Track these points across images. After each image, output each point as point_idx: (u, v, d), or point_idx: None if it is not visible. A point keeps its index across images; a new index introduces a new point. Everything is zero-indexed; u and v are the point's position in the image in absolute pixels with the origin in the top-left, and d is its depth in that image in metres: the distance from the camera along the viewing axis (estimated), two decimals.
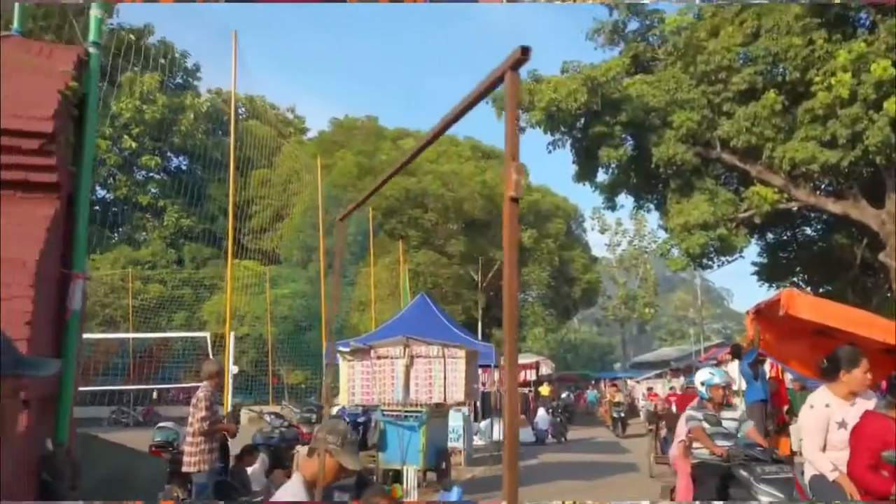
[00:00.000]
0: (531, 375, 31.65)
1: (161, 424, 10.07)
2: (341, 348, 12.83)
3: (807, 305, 8.46)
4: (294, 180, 38.34)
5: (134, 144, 36.29)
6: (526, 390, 28.75)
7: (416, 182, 34.94)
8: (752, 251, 36.78)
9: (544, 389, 30.31)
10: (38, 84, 3.83)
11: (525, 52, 1.82)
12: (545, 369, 32.71)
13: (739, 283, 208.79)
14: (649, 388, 36.89)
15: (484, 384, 25.55)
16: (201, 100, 40.80)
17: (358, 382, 12.26)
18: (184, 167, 42.59)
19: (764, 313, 9.49)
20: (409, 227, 35.03)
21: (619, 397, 26.64)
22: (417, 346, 12.07)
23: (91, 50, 4.24)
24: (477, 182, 37.10)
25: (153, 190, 39.94)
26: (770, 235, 34.28)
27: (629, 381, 45.63)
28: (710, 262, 30.09)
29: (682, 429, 8.04)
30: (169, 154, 41.46)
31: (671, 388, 26.52)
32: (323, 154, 39.20)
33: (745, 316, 10.83)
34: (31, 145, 3.73)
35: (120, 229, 38.09)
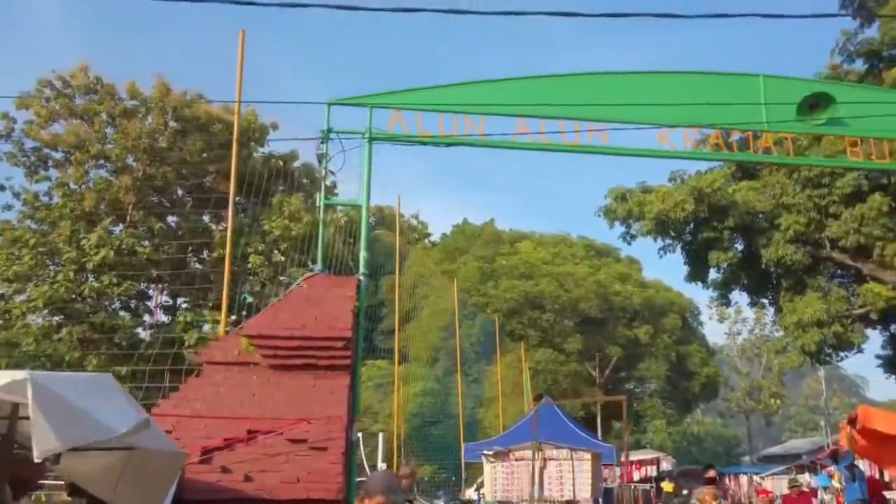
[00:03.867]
0: (652, 471, 32.43)
1: None
2: (485, 451, 15.10)
3: (880, 419, 10.14)
4: (420, 284, 41.51)
5: (282, 258, 40.55)
6: (647, 486, 29.61)
7: (533, 285, 37.38)
8: (876, 342, 36.20)
9: (667, 486, 31.03)
10: (340, 305, 6.54)
11: None
12: (666, 465, 33.38)
13: (875, 370, 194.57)
14: (759, 484, 36.07)
15: (606, 479, 26.84)
16: (338, 215, 45.30)
17: (500, 480, 14.41)
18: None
19: (854, 423, 11.06)
20: (529, 328, 37.29)
21: None
22: (549, 450, 14.13)
23: (361, 278, 6.95)
24: (591, 282, 39.12)
25: None
26: (894, 327, 34.00)
27: (755, 477, 44.75)
28: (827, 358, 30.55)
29: None
30: (309, 264, 45.87)
31: (793, 486, 26.18)
32: (446, 259, 42.44)
33: (841, 425, 12.29)
34: (338, 345, 6.40)
35: None
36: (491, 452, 14.92)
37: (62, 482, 5.84)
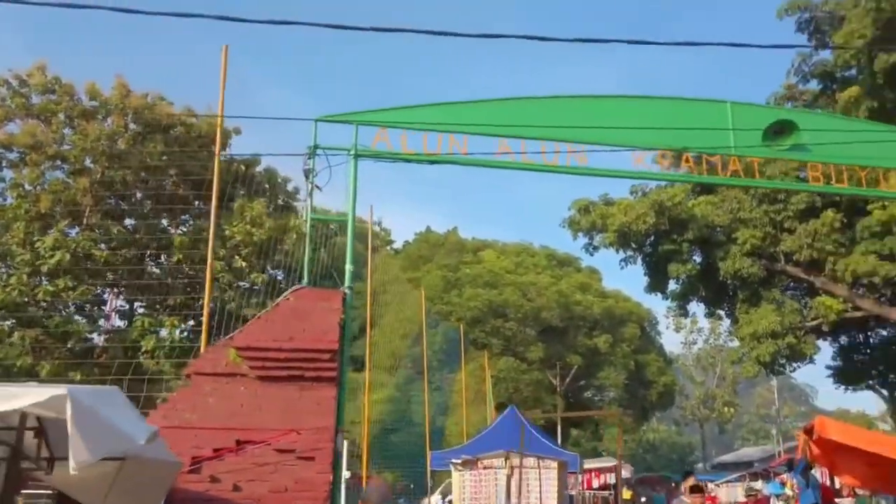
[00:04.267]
0: (611, 479, 32.88)
1: None
2: (454, 460, 15.32)
3: (836, 430, 10.56)
4: (382, 291, 41.59)
5: (244, 264, 40.27)
6: (606, 493, 30.06)
7: (497, 293, 37.78)
8: (827, 353, 37.15)
9: (626, 493, 31.50)
10: (326, 318, 6.70)
11: None
12: (625, 473, 33.88)
13: (824, 380, 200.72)
14: (710, 492, 36.61)
15: (566, 487, 27.20)
16: (300, 221, 45.23)
17: (468, 489, 14.62)
18: (283, 282, 46.65)
19: (811, 433, 11.51)
20: (492, 336, 37.67)
21: None
22: (517, 458, 14.36)
23: (346, 291, 7.12)
24: (553, 291, 39.66)
25: (255, 301, 43.91)
26: (844, 338, 34.96)
27: (710, 484, 45.66)
28: (781, 369, 31.41)
29: None
30: (271, 270, 45.54)
31: (750, 494, 26.62)
32: (410, 267, 42.58)
33: (798, 435, 12.77)
34: (325, 357, 6.56)
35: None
36: (460, 461, 15.16)
37: (49, 491, 5.88)
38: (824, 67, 29.92)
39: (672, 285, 33.76)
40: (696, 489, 9.60)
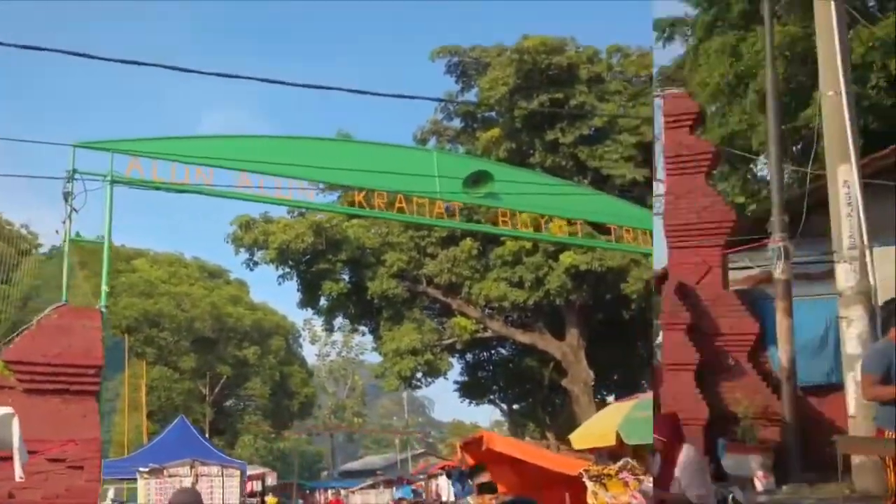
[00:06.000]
0: (257, 486, 33.75)
1: None
2: (141, 468, 15.30)
3: (501, 443, 12.56)
4: (34, 296, 37.56)
5: None
6: (254, 500, 30.86)
7: (152, 303, 36.69)
8: (455, 369, 40.60)
9: (271, 500, 32.65)
10: (89, 335, 7.13)
11: None
12: (270, 480, 35.12)
13: (440, 393, 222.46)
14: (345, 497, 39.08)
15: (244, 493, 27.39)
16: None
17: (153, 496, 14.72)
18: None
19: (472, 445, 13.31)
20: (146, 345, 36.45)
21: None
22: (201, 467, 14.92)
23: (103, 310, 7.55)
24: (207, 303, 39.66)
25: None
26: (469, 356, 37.16)
27: (342, 491, 48.61)
28: (419, 383, 34.77)
29: None
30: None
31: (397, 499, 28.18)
32: (61, 274, 38.91)
33: (457, 447, 14.56)
34: (90, 372, 7.00)
35: None
36: (147, 469, 15.22)
37: None
38: (467, 108, 33.23)
39: (323, 301, 35.07)
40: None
